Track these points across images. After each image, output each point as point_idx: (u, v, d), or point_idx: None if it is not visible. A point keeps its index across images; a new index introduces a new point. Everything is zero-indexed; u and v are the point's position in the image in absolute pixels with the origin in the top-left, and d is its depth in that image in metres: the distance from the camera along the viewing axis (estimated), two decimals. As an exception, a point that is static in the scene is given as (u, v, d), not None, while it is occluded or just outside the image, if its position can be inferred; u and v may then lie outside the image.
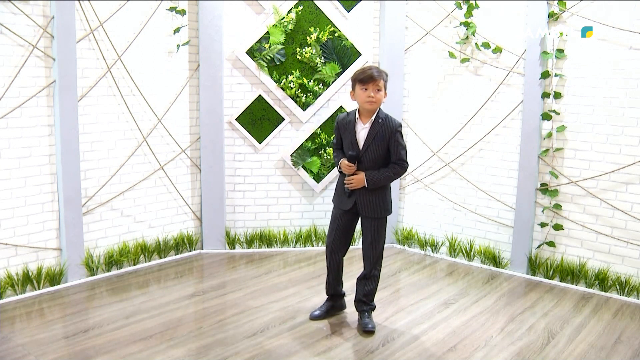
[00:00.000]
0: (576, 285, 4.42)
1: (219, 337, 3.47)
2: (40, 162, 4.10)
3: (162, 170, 4.87)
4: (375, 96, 3.35)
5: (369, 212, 3.49)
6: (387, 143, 3.41)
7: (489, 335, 3.57)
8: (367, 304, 3.64)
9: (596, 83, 4.26)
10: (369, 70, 3.35)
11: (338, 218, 3.60)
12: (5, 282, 3.93)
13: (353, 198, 3.50)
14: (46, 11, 4.01)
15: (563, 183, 4.48)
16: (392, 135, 3.40)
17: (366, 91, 3.35)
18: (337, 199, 3.61)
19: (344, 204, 3.54)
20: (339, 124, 3.56)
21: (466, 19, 4.78)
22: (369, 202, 3.47)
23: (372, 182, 3.42)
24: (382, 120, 3.41)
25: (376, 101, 3.37)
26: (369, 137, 3.41)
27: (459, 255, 5.05)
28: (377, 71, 3.36)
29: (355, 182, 3.44)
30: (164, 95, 4.82)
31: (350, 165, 3.43)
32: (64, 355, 3.20)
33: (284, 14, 4.94)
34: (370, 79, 3.33)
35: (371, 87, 3.34)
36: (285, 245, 5.25)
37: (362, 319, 3.63)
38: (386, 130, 3.39)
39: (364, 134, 3.43)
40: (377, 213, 3.49)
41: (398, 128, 3.41)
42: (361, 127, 3.45)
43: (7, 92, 3.86)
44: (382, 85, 3.36)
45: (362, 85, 3.36)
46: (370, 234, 3.52)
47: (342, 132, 3.53)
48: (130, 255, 4.63)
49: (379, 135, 3.39)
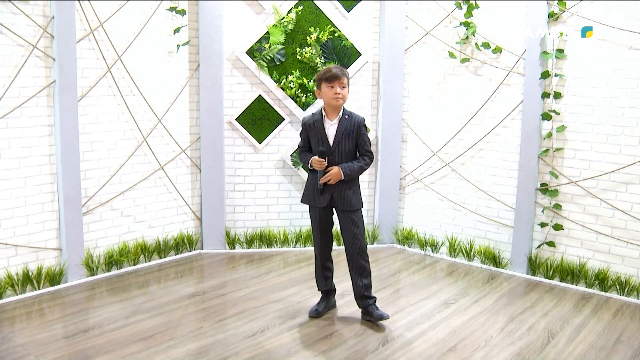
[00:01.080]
0: (576, 285, 4.42)
1: (219, 337, 3.47)
2: (40, 162, 4.10)
3: (162, 170, 4.87)
4: (341, 92, 3.55)
5: (346, 205, 3.62)
6: (355, 137, 3.60)
7: (489, 335, 3.57)
8: (370, 297, 3.73)
9: (596, 83, 4.26)
10: (333, 69, 3.57)
11: (318, 217, 3.71)
12: (5, 282, 3.93)
13: (328, 194, 3.62)
14: (46, 11, 4.01)
15: (563, 183, 4.48)
16: (358, 129, 3.61)
17: (332, 89, 3.55)
18: (310, 198, 3.70)
19: (319, 201, 3.66)
20: (306, 124, 3.69)
21: (466, 19, 4.78)
22: (345, 196, 3.61)
23: (348, 174, 3.56)
24: (347, 116, 3.62)
25: (342, 97, 3.57)
26: (338, 133, 3.58)
27: (459, 255, 5.05)
28: (340, 70, 3.57)
29: (332, 177, 3.55)
30: (164, 95, 4.82)
31: (321, 160, 3.55)
32: (64, 355, 3.20)
33: (284, 14, 4.95)
34: (335, 77, 3.53)
35: (337, 84, 3.54)
36: (285, 245, 5.25)
37: (372, 312, 3.70)
38: (354, 125, 3.59)
39: (332, 130, 3.60)
40: (353, 205, 3.63)
41: (363, 122, 3.64)
42: (329, 124, 3.61)
43: (7, 92, 3.87)
44: (346, 82, 3.57)
45: (328, 84, 3.55)
46: (350, 226, 3.64)
47: (310, 132, 3.67)
48: (130, 255, 4.63)
49: (347, 130, 3.58)
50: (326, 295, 3.88)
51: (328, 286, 3.85)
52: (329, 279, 3.85)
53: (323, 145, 3.57)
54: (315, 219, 3.73)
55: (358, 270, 3.67)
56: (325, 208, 3.67)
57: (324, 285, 3.84)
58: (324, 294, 3.88)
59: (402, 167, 5.35)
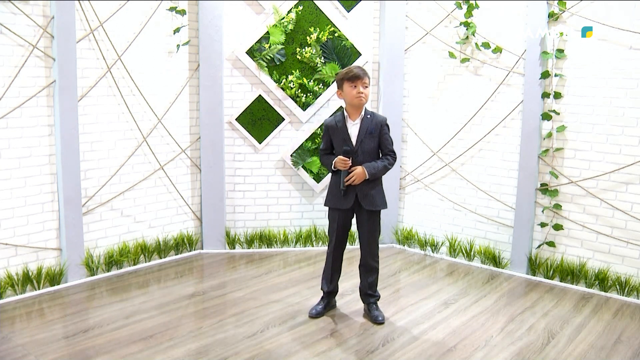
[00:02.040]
0: (576, 285, 4.42)
1: (219, 337, 3.47)
2: (40, 162, 4.10)
3: (162, 170, 4.87)
4: (363, 92, 3.54)
5: (370, 205, 3.62)
6: (377, 137, 3.60)
7: (489, 335, 3.57)
8: (373, 295, 3.79)
9: (596, 83, 4.26)
10: (355, 69, 3.57)
11: (338, 219, 3.70)
12: (5, 282, 3.93)
13: (352, 195, 3.60)
14: (46, 11, 4.01)
15: (563, 183, 4.48)
16: (381, 128, 3.61)
17: (355, 88, 3.54)
18: (334, 200, 3.68)
19: (343, 203, 3.64)
20: (328, 127, 3.68)
21: (466, 19, 4.78)
22: (370, 196, 3.61)
23: (373, 173, 3.56)
24: (370, 115, 3.62)
25: (365, 97, 3.56)
26: (361, 132, 3.58)
27: (459, 255, 5.05)
28: (362, 70, 3.58)
29: (356, 177, 3.54)
30: (164, 95, 4.82)
31: (345, 159, 3.55)
32: (64, 355, 3.20)
33: (284, 14, 4.94)
34: (357, 76, 3.53)
35: (359, 83, 3.54)
36: (285, 245, 5.25)
37: (371, 311, 3.76)
38: (376, 125, 3.60)
39: (355, 130, 3.60)
40: (377, 205, 3.64)
41: (386, 122, 3.65)
42: (351, 124, 3.61)
43: (7, 92, 3.86)
44: (367, 82, 3.58)
45: (350, 83, 3.55)
46: (368, 225, 3.67)
47: (332, 134, 3.66)
48: (130, 255, 4.63)
49: (369, 129, 3.58)
50: (328, 296, 3.87)
51: (332, 287, 3.84)
52: (335, 281, 3.84)
53: (347, 145, 3.57)
54: (336, 221, 3.70)
55: (368, 268, 3.75)
56: (348, 210, 3.67)
57: (329, 286, 3.83)
58: (326, 295, 3.86)
59: (402, 167, 5.35)
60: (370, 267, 3.75)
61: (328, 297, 3.87)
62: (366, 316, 3.79)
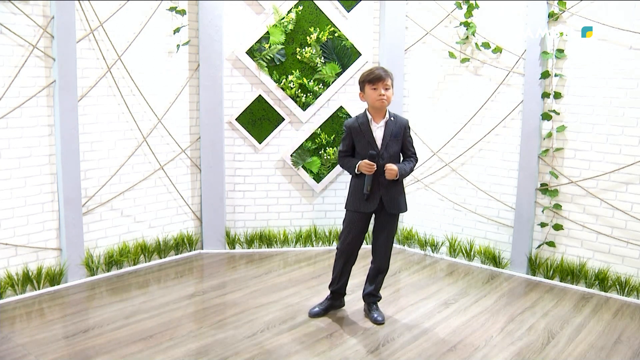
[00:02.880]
0: (576, 285, 4.42)
1: (219, 337, 3.47)
2: (40, 162, 4.10)
3: (162, 170, 4.87)
4: (385, 94, 3.48)
5: (394, 208, 3.60)
6: (401, 139, 3.58)
7: (489, 335, 3.57)
8: (376, 295, 3.81)
9: (596, 83, 4.26)
10: (376, 71, 3.49)
11: (357, 221, 3.63)
12: (5, 282, 3.93)
13: (377, 198, 3.55)
14: (46, 11, 4.01)
15: (563, 183, 4.48)
16: (405, 131, 3.60)
17: (376, 90, 3.48)
18: (356, 203, 3.60)
19: (368, 206, 3.57)
20: (351, 128, 3.59)
21: (466, 19, 4.78)
22: (395, 199, 3.59)
23: (402, 174, 3.55)
24: (393, 118, 3.58)
25: (387, 99, 3.50)
26: (386, 135, 3.54)
27: (459, 255, 5.05)
28: (384, 71, 3.50)
29: (390, 174, 3.48)
30: (164, 95, 4.82)
31: (371, 164, 3.47)
32: (64, 355, 3.20)
33: (284, 14, 4.94)
34: (379, 78, 3.46)
35: (380, 85, 3.47)
36: (285, 245, 5.25)
37: (371, 312, 3.76)
38: (400, 127, 3.58)
39: (380, 132, 3.55)
40: (401, 208, 3.64)
41: (408, 124, 3.64)
42: (376, 127, 3.56)
43: (7, 92, 3.86)
44: (389, 83, 3.51)
45: (371, 85, 3.48)
46: (387, 228, 3.65)
47: (355, 136, 3.57)
48: (130, 255, 4.63)
49: (394, 132, 3.55)
50: (332, 296, 3.84)
51: (340, 288, 3.82)
52: (345, 282, 3.81)
53: (372, 148, 3.50)
54: (355, 224, 3.63)
55: (379, 270, 3.74)
56: (369, 213, 3.63)
57: (337, 286, 3.80)
58: (331, 295, 3.84)
59: (402, 167, 5.35)
60: (382, 270, 3.74)
61: (332, 297, 3.84)
62: (366, 316, 3.79)
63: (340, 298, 3.89)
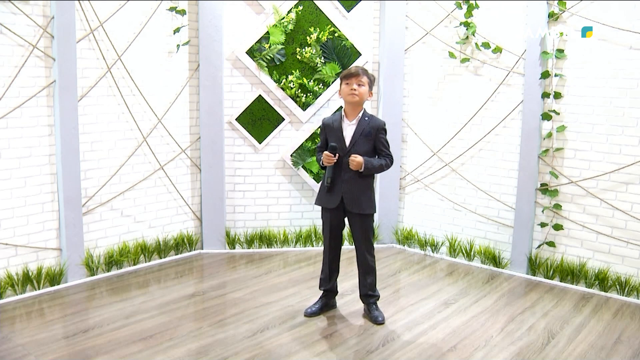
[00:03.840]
0: (576, 285, 4.42)
1: (219, 337, 3.47)
2: (40, 162, 4.10)
3: (162, 170, 4.87)
4: (357, 89, 3.51)
5: (355, 208, 3.60)
6: (373, 140, 3.57)
7: (489, 335, 3.57)
8: (373, 295, 3.78)
9: (596, 83, 4.26)
10: (352, 68, 3.58)
11: (328, 218, 3.72)
12: (5, 282, 3.93)
13: (338, 195, 3.59)
14: (46, 11, 4.01)
15: (563, 183, 4.48)
16: (378, 133, 3.57)
17: (348, 85, 3.53)
18: (321, 198, 3.71)
19: (330, 202, 3.65)
20: (325, 124, 3.70)
21: (466, 19, 4.78)
22: (356, 198, 3.59)
23: (369, 167, 3.53)
24: (367, 118, 3.58)
25: (358, 94, 3.52)
26: (356, 133, 3.56)
27: (459, 255, 5.05)
28: (361, 68, 3.56)
29: (354, 163, 3.49)
30: (164, 95, 4.82)
31: (330, 155, 3.53)
32: (64, 355, 3.20)
33: (284, 14, 4.94)
34: (352, 74, 3.53)
35: (354, 81, 3.52)
36: (285, 245, 5.25)
37: (371, 312, 3.76)
38: (372, 128, 3.56)
39: (350, 130, 3.58)
40: (363, 209, 3.61)
41: (383, 126, 3.60)
42: (347, 124, 3.59)
43: (7, 92, 3.86)
44: (364, 81, 3.53)
45: (345, 81, 3.55)
46: (359, 228, 3.65)
47: (328, 132, 3.66)
48: (130, 255, 4.63)
49: (366, 131, 3.55)
50: (326, 295, 3.87)
51: (330, 286, 3.84)
52: (333, 280, 3.84)
53: (341, 144, 3.56)
54: (326, 220, 3.73)
55: (365, 269, 3.73)
56: (336, 210, 3.65)
57: (327, 284, 3.83)
58: (324, 294, 3.87)
59: (402, 167, 5.35)
60: (367, 268, 3.73)
61: (326, 296, 3.87)
62: (366, 316, 3.79)
63: (332, 297, 3.91)
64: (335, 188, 3.60)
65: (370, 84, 3.57)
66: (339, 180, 3.59)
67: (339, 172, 3.58)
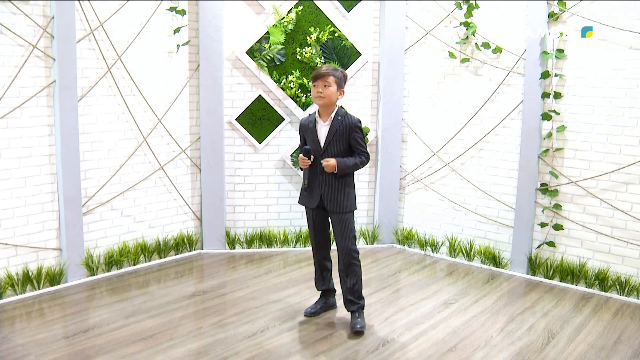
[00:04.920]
0: (576, 285, 4.42)
1: (219, 337, 3.47)
2: (40, 162, 4.10)
3: (162, 170, 4.87)
4: (323, 92, 3.45)
5: (334, 207, 3.55)
6: (347, 138, 3.51)
7: (489, 335, 3.57)
8: (355, 302, 3.60)
9: (596, 83, 4.26)
10: (319, 68, 3.49)
11: (311, 218, 3.69)
12: (5, 282, 3.93)
13: (317, 195, 3.56)
14: (46, 11, 4.01)
15: (563, 183, 4.48)
16: (351, 130, 3.50)
17: (315, 88, 3.47)
18: (304, 198, 3.67)
19: (310, 202, 3.62)
20: (302, 125, 3.67)
21: (466, 19, 4.78)
22: (335, 198, 3.54)
23: (343, 168, 3.47)
24: (341, 117, 3.52)
25: (325, 97, 3.46)
26: (330, 134, 3.51)
27: (459, 255, 5.05)
28: (327, 68, 3.47)
29: (327, 165, 3.45)
30: (164, 95, 4.82)
31: (304, 158, 3.52)
32: (64, 355, 3.20)
33: (284, 14, 4.94)
34: (318, 75, 3.45)
35: (320, 83, 3.45)
36: (285, 245, 5.25)
37: (351, 319, 3.62)
38: (346, 127, 3.49)
39: (324, 131, 3.54)
40: (342, 207, 3.55)
41: (357, 123, 3.51)
42: (321, 125, 3.55)
43: (7, 92, 3.87)
44: (331, 81, 3.45)
45: (313, 83, 3.50)
46: (339, 227, 3.56)
47: (305, 132, 3.64)
48: (130, 255, 4.63)
49: (339, 131, 3.50)
50: (324, 295, 3.86)
51: (326, 286, 3.83)
52: (327, 279, 3.82)
53: (314, 146, 3.54)
54: (309, 220, 3.72)
55: (346, 272, 3.58)
56: (318, 209, 3.62)
57: (322, 285, 3.83)
58: (322, 294, 3.86)
59: (402, 167, 5.35)
60: (347, 271, 3.56)
61: (324, 296, 3.85)
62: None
63: (331, 295, 3.88)
64: (314, 188, 3.57)
65: (339, 82, 3.49)
66: (316, 181, 3.56)
67: (315, 173, 3.55)
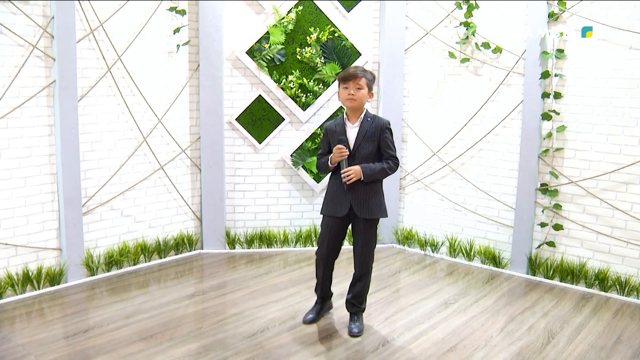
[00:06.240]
0: (576, 285, 4.42)
1: (219, 337, 3.47)
2: (40, 162, 4.10)
3: (162, 170, 4.87)
4: (355, 94, 3.34)
5: (365, 213, 3.41)
6: (377, 140, 3.40)
7: (489, 335, 3.57)
8: (356, 306, 3.59)
9: (596, 83, 4.26)
10: (350, 69, 3.38)
11: (331, 227, 3.51)
12: (5, 282, 3.93)
13: (347, 201, 3.41)
14: (46, 11, 4.01)
15: (563, 183, 4.48)
16: (382, 132, 3.39)
17: (346, 89, 3.36)
18: (330, 207, 3.50)
19: (338, 210, 3.45)
20: (328, 129, 3.52)
21: (466, 19, 4.78)
22: (365, 203, 3.41)
23: (368, 174, 3.35)
24: (370, 119, 3.42)
25: (357, 99, 3.35)
26: (360, 135, 3.39)
27: (459, 255, 5.05)
28: (358, 70, 3.37)
29: (353, 173, 3.35)
30: (164, 95, 4.82)
31: (341, 147, 3.36)
32: (64, 355, 3.20)
33: (284, 14, 4.94)
34: (350, 77, 3.34)
35: (351, 85, 3.34)
36: (285, 245, 5.25)
37: (350, 321, 3.60)
38: (376, 128, 3.39)
39: (353, 133, 3.41)
40: (373, 214, 3.42)
41: (388, 125, 3.42)
42: (350, 127, 3.43)
43: (7, 92, 3.87)
44: (363, 83, 3.35)
45: (343, 84, 3.38)
46: (362, 235, 3.45)
47: (331, 137, 3.48)
48: (130, 255, 4.63)
49: (369, 132, 3.38)
50: (322, 299, 3.80)
51: (325, 293, 3.77)
52: (327, 288, 3.75)
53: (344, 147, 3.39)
54: (329, 229, 3.50)
55: (357, 278, 3.56)
56: (342, 218, 3.47)
57: (322, 291, 3.75)
58: (320, 299, 3.80)
59: (402, 167, 5.35)
60: (360, 278, 3.53)
61: (322, 301, 3.80)
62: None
63: (328, 300, 3.83)
64: (341, 195, 3.42)
65: (370, 84, 3.40)
66: (343, 188, 3.41)
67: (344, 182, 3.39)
